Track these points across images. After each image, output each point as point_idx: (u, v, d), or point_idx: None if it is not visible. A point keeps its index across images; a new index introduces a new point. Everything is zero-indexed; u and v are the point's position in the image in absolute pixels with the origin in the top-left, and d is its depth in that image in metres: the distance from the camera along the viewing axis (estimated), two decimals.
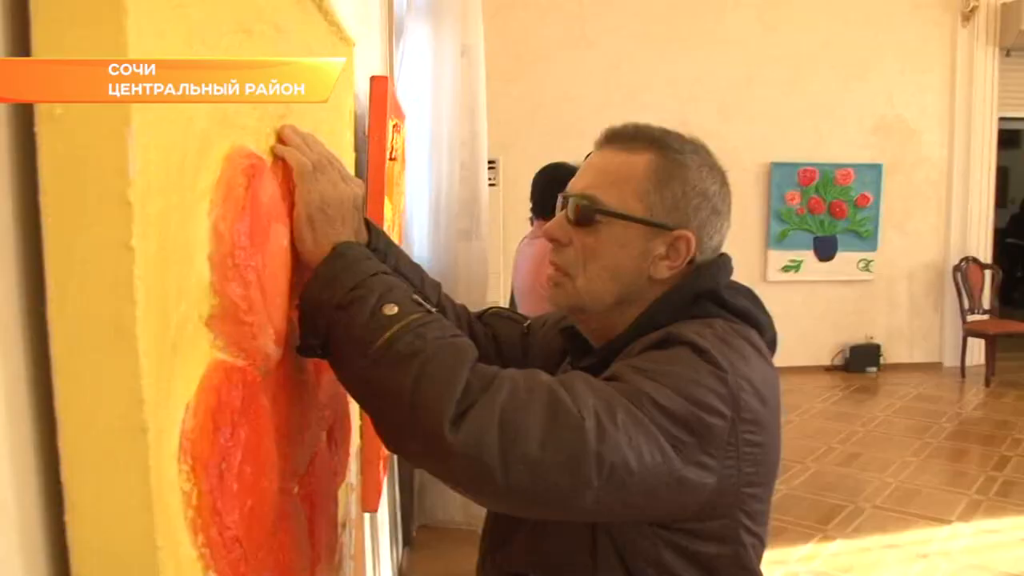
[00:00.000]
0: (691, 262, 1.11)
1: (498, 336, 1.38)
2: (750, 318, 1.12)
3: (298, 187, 0.93)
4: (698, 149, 1.14)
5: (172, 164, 0.58)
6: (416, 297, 0.93)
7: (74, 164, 0.50)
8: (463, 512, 3.56)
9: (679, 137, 1.14)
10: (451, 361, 0.87)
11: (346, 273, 0.92)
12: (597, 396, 0.90)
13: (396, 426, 0.90)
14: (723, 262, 1.15)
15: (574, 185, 1.14)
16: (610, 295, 1.11)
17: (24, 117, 0.51)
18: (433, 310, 0.93)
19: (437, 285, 1.35)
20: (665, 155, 1.10)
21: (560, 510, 0.93)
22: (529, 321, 1.40)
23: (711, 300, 1.10)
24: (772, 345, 1.15)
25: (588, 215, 1.09)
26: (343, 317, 0.89)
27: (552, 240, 1.14)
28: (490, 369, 0.90)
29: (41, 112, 0.50)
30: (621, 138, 1.14)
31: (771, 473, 1.07)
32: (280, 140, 0.91)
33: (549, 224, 1.14)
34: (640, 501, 0.93)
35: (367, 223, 1.19)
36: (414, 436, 0.87)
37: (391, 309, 0.89)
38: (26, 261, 0.52)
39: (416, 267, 1.30)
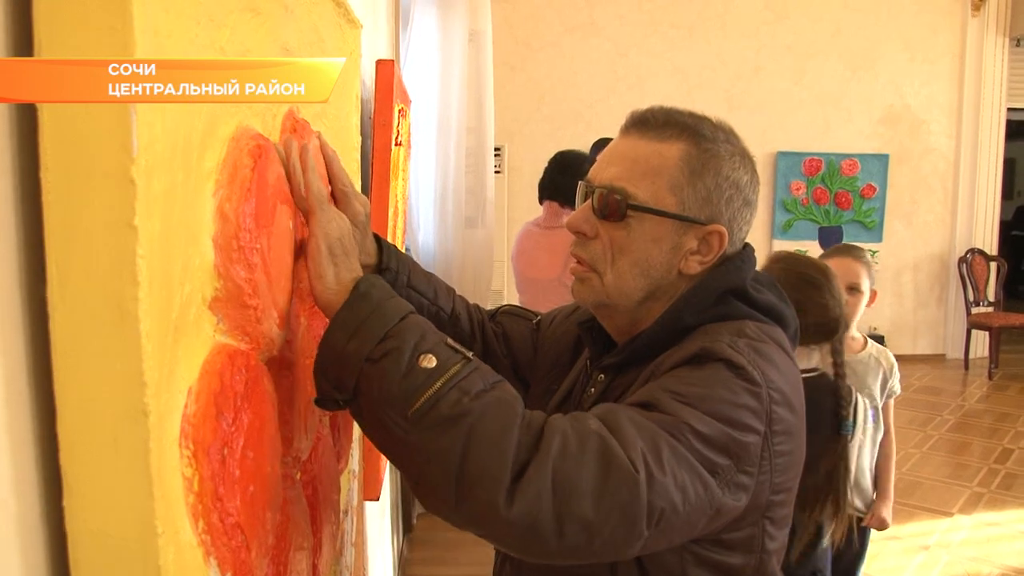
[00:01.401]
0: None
1: (508, 334, 1.36)
2: (775, 313, 1.10)
3: (314, 218, 0.87)
4: (729, 136, 1.10)
5: (177, 143, 0.57)
6: (451, 342, 0.87)
7: (76, 140, 0.49)
8: None
9: (710, 124, 1.09)
10: (500, 422, 0.81)
11: (374, 319, 0.84)
12: (643, 436, 0.86)
13: (442, 493, 0.81)
14: (748, 255, 1.12)
15: (599, 174, 1.08)
16: (639, 291, 1.07)
17: None
18: (470, 355, 0.87)
19: (451, 291, 1.33)
20: (698, 145, 1.06)
21: (607, 560, 0.90)
22: (539, 317, 1.38)
23: (737, 297, 1.07)
24: (795, 337, 1.13)
25: (619, 210, 1.04)
26: (376, 372, 0.82)
27: (577, 232, 1.09)
28: (536, 419, 0.85)
29: None
30: (650, 125, 1.07)
31: (796, 477, 1.05)
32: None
33: (573, 216, 1.09)
34: (681, 536, 0.92)
35: (377, 240, 1.18)
36: (464, 504, 0.81)
37: (429, 361, 0.82)
38: (27, 240, 0.51)
39: (429, 277, 1.29)
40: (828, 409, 2.03)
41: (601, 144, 3.56)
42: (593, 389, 1.14)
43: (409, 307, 0.89)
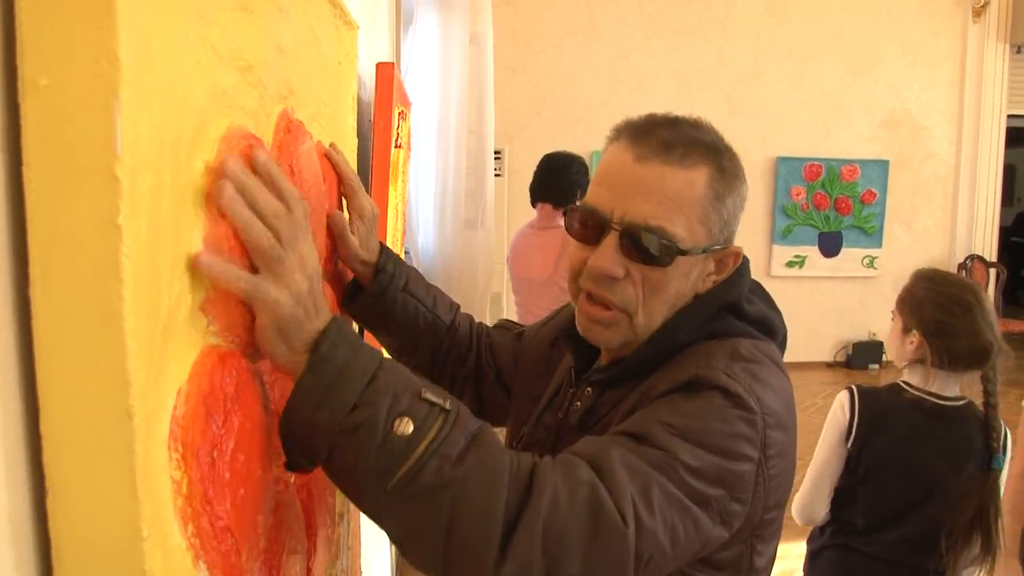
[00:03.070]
0: None
1: (494, 345, 1.39)
2: (766, 325, 1.08)
3: (253, 303, 0.73)
4: (733, 150, 1.06)
5: (165, 142, 0.56)
6: (426, 394, 0.79)
7: (59, 137, 0.48)
8: None
9: (720, 138, 1.04)
10: (486, 487, 0.77)
11: (341, 383, 0.76)
12: (634, 479, 0.83)
13: (428, 559, 0.78)
14: (744, 267, 1.09)
15: (626, 210, 0.98)
16: (661, 322, 1.04)
17: (9, 89, 0.49)
18: (448, 404, 0.80)
19: (454, 306, 1.35)
20: (720, 166, 1.01)
21: None
22: (522, 330, 1.40)
23: (731, 311, 1.05)
24: (783, 344, 1.12)
25: (668, 255, 0.98)
26: (349, 443, 0.75)
27: (607, 278, 1.00)
28: (524, 465, 0.81)
29: (26, 83, 0.48)
30: (674, 150, 0.99)
31: (789, 491, 1.04)
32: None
33: (601, 261, 0.99)
34: (668, 571, 0.89)
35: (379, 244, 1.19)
36: (452, 571, 0.78)
37: (406, 426, 0.76)
38: (14, 238, 0.50)
39: (430, 287, 1.30)
40: (978, 443, 1.96)
41: None
42: (579, 403, 1.12)
43: (378, 359, 0.80)
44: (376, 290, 1.20)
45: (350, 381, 0.76)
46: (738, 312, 1.06)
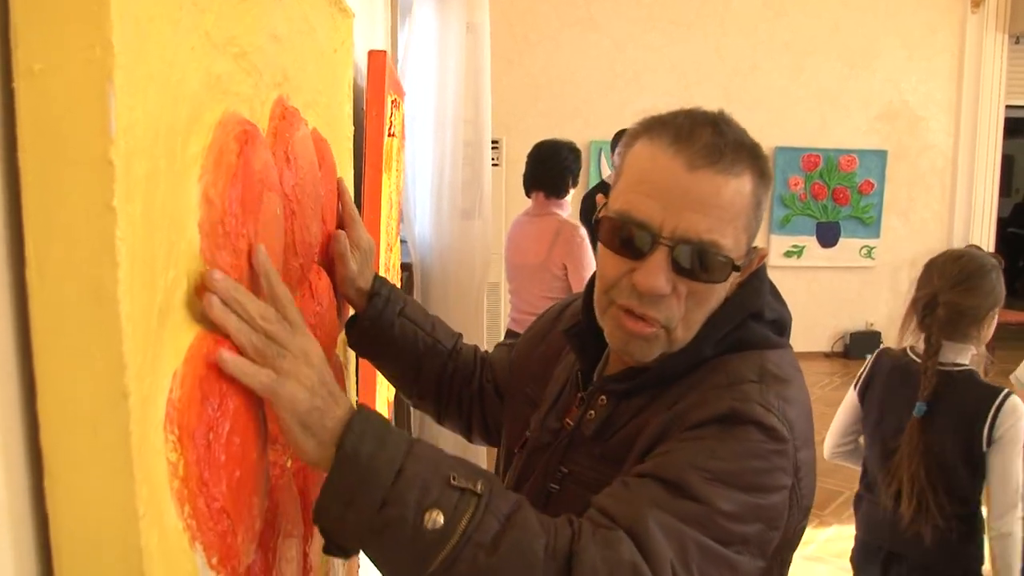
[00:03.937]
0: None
1: (492, 364, 1.39)
2: (780, 323, 1.07)
3: (272, 401, 0.76)
4: (761, 147, 1.02)
5: (160, 127, 0.57)
6: (457, 482, 0.79)
7: (54, 122, 0.49)
8: None
9: (749, 136, 1.00)
10: (522, 571, 0.77)
11: (368, 482, 0.76)
12: (672, 543, 0.82)
13: None
14: (763, 268, 1.06)
15: (677, 224, 0.93)
16: (696, 332, 1.01)
17: (3, 74, 0.49)
18: (479, 486, 0.80)
19: (455, 334, 1.36)
20: (761, 171, 0.98)
21: None
22: (515, 342, 1.40)
23: (753, 318, 1.04)
24: (789, 331, 1.11)
25: (725, 271, 0.95)
26: (381, 542, 0.77)
27: (658, 295, 0.95)
28: (562, 543, 0.80)
29: (20, 68, 0.48)
30: (723, 155, 0.93)
31: (813, 499, 1.02)
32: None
33: (651, 279, 0.93)
34: None
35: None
36: None
37: (437, 517, 0.76)
38: (7, 222, 0.51)
39: (429, 315, 1.31)
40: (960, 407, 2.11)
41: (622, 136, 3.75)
42: (593, 412, 1.08)
43: (405, 446, 0.80)
44: (372, 314, 1.21)
45: (377, 476, 0.77)
46: (759, 316, 1.05)
